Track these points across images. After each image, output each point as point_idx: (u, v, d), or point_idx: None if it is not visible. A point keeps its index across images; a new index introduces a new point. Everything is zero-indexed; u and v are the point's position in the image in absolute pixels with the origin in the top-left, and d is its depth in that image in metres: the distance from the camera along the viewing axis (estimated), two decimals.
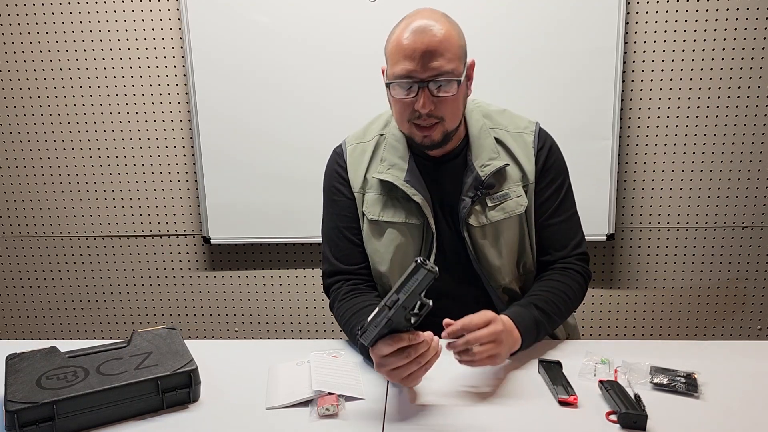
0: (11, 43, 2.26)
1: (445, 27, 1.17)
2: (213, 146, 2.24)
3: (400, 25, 1.20)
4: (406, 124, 1.23)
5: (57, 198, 2.39)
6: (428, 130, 1.21)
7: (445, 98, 1.18)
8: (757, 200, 2.25)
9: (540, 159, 1.31)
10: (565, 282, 1.29)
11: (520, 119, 1.35)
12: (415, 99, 1.18)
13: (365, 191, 1.32)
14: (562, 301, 1.26)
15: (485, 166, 1.27)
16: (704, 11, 2.11)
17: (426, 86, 1.16)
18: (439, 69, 1.15)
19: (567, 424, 1.00)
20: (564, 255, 1.33)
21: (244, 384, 1.14)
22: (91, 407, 1.01)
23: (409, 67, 1.16)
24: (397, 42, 1.18)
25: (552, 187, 1.33)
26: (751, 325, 2.38)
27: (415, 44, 1.15)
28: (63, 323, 2.53)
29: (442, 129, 1.22)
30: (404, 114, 1.21)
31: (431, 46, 1.15)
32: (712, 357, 1.19)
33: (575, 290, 1.30)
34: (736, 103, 2.18)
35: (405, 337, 1.02)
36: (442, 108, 1.19)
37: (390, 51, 1.20)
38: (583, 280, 1.33)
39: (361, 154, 1.34)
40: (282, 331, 2.50)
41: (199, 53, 2.17)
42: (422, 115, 1.19)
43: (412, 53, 1.15)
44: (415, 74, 1.16)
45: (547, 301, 1.24)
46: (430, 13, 1.19)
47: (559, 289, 1.27)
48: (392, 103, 1.24)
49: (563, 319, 1.28)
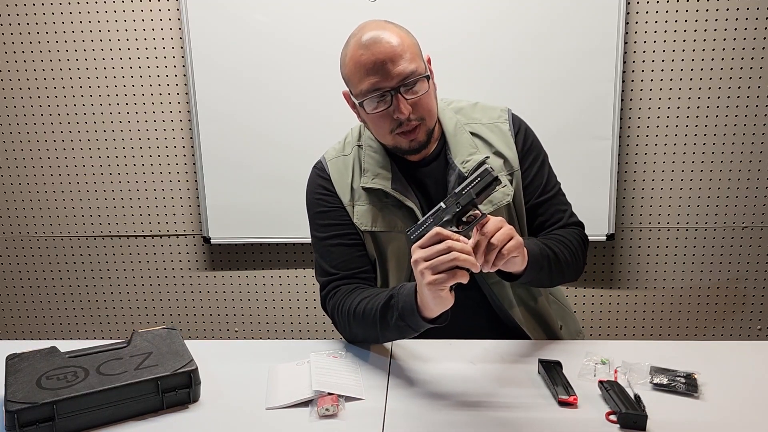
0: (11, 43, 2.26)
1: (394, 31, 1.18)
2: (213, 146, 2.24)
3: (349, 45, 1.20)
4: (389, 137, 1.23)
5: (57, 198, 2.39)
6: (413, 134, 1.22)
7: (420, 98, 1.19)
8: (757, 200, 2.25)
9: (519, 143, 1.33)
10: (566, 236, 1.32)
11: (492, 110, 1.36)
12: (391, 109, 1.18)
13: (354, 203, 1.31)
14: (565, 247, 1.28)
15: (466, 162, 1.28)
16: (704, 11, 2.11)
17: (398, 92, 1.16)
18: (404, 72, 1.16)
19: (567, 424, 1.00)
20: (562, 227, 1.36)
21: (244, 384, 1.14)
22: (91, 407, 1.01)
23: (375, 79, 1.16)
24: (354, 61, 1.18)
25: (535, 166, 1.35)
26: (751, 325, 2.38)
27: (373, 56, 1.15)
28: (63, 323, 2.53)
29: (424, 128, 1.23)
30: (385, 127, 1.21)
31: (389, 53, 1.15)
32: (712, 357, 1.19)
33: (576, 245, 1.31)
34: (736, 103, 2.18)
35: (446, 232, 1.01)
36: (420, 108, 1.20)
37: (349, 72, 1.20)
38: (583, 241, 1.35)
39: (344, 167, 1.33)
40: (282, 331, 2.50)
41: (199, 54, 2.17)
42: (403, 122, 1.19)
43: (373, 66, 1.15)
44: (383, 84, 1.16)
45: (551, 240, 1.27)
46: (374, 24, 1.20)
47: (563, 240, 1.30)
48: (368, 120, 1.24)
49: (567, 266, 1.28)
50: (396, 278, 1.32)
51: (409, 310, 1.10)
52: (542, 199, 1.35)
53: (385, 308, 1.16)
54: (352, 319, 1.25)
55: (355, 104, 1.24)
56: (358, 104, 1.21)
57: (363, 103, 1.19)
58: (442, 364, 1.19)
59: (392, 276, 1.32)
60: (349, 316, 1.25)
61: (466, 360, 1.21)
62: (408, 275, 1.32)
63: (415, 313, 1.10)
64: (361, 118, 1.28)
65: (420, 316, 1.09)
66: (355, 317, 1.24)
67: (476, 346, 1.26)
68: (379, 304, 1.18)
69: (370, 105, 1.19)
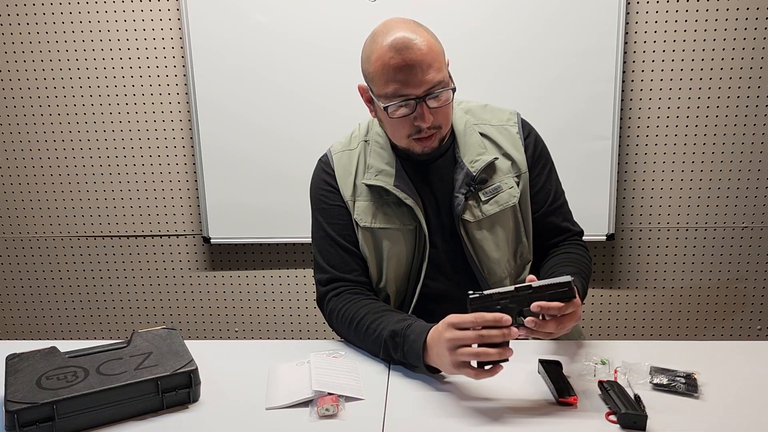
0: (11, 43, 2.26)
1: (425, 37, 1.15)
2: (213, 146, 2.24)
3: (377, 43, 1.16)
4: (404, 140, 1.23)
5: (57, 198, 2.39)
6: (427, 141, 1.22)
7: (442, 107, 1.19)
8: (757, 200, 2.25)
9: (529, 147, 1.34)
10: (581, 254, 1.35)
11: (502, 112, 1.36)
12: (414, 115, 1.17)
13: (355, 198, 1.31)
14: (587, 270, 1.32)
15: (475, 162, 1.28)
16: (704, 11, 2.11)
17: (423, 101, 1.16)
18: (432, 81, 1.15)
19: (567, 424, 1.00)
20: (570, 235, 1.40)
21: (244, 384, 1.14)
22: (91, 407, 1.01)
23: (403, 85, 1.15)
24: (382, 62, 1.15)
25: (544, 173, 1.36)
26: (751, 325, 2.38)
27: (403, 61, 1.13)
28: (63, 323, 2.53)
29: (439, 135, 1.23)
30: (402, 131, 1.21)
31: (419, 60, 1.13)
32: (712, 357, 1.19)
33: (588, 262, 1.36)
34: (736, 103, 2.18)
35: (489, 316, 0.99)
36: (439, 116, 1.20)
37: (375, 71, 1.17)
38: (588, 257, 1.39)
39: (349, 161, 1.33)
40: (282, 331, 2.50)
41: (199, 53, 2.17)
42: (423, 129, 1.19)
43: (402, 71, 1.14)
44: (410, 91, 1.15)
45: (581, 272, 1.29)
46: (405, 25, 1.17)
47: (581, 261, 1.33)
48: (386, 122, 1.23)
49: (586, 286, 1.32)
50: (393, 276, 1.32)
51: (414, 356, 1.12)
52: (552, 207, 1.37)
53: (389, 342, 1.16)
54: (353, 330, 1.25)
55: (372, 100, 1.24)
56: (382, 107, 1.19)
57: (389, 107, 1.17)
58: None
59: (389, 274, 1.32)
60: (350, 325, 1.25)
61: None
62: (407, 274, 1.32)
63: (420, 361, 1.11)
64: (376, 115, 1.28)
65: (424, 364, 1.12)
66: (356, 330, 1.24)
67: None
68: (385, 333, 1.17)
69: (392, 108, 1.18)
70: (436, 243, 1.31)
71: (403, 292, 1.34)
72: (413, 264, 1.32)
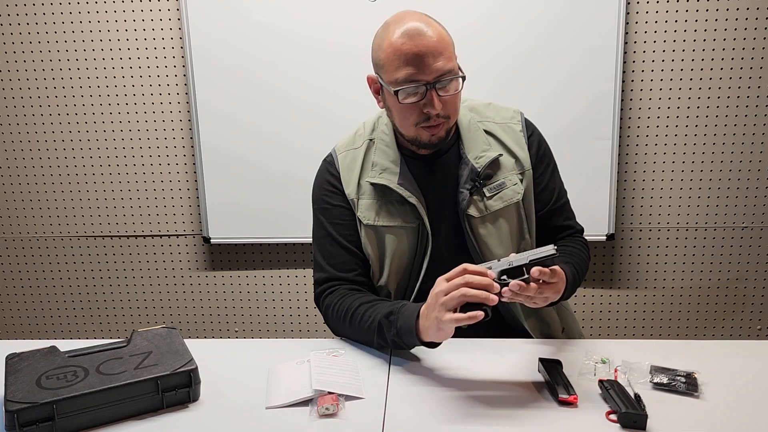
0: (11, 43, 2.26)
1: (436, 27, 1.18)
2: (213, 146, 2.24)
3: (389, 31, 1.19)
4: (412, 128, 1.24)
5: (57, 198, 2.39)
6: (435, 129, 1.23)
7: (451, 96, 1.20)
8: (757, 200, 2.25)
9: (533, 146, 1.35)
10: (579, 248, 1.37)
11: (505, 110, 1.38)
12: (423, 102, 1.18)
13: (359, 197, 1.32)
14: (582, 263, 1.34)
15: (480, 158, 1.29)
16: (704, 11, 2.11)
17: (433, 87, 1.17)
18: (443, 69, 1.17)
19: (567, 424, 1.00)
20: (572, 233, 1.42)
21: (244, 384, 1.14)
22: (91, 407, 1.01)
23: (414, 70, 1.16)
24: (394, 48, 1.17)
25: (548, 171, 1.38)
26: (751, 325, 2.38)
27: (415, 47, 1.15)
28: (63, 323, 2.53)
29: (447, 126, 1.24)
30: (411, 118, 1.22)
31: (431, 47, 1.15)
32: (712, 357, 1.19)
33: (586, 259, 1.38)
34: (736, 103, 2.18)
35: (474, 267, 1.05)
36: (448, 106, 1.21)
37: (386, 57, 1.19)
38: (588, 252, 1.41)
39: (353, 160, 1.34)
40: (282, 331, 2.50)
41: (199, 53, 2.17)
42: (432, 116, 1.20)
43: (414, 57, 1.15)
44: (421, 77, 1.16)
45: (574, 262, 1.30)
46: (417, 16, 1.20)
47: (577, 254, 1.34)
48: (395, 109, 1.23)
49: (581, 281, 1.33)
50: (395, 273, 1.32)
51: (407, 331, 1.14)
52: (556, 206, 1.39)
53: (383, 322, 1.19)
54: (348, 322, 1.26)
55: (380, 90, 1.25)
56: (392, 92, 1.19)
57: (399, 92, 1.18)
58: (442, 363, 1.19)
59: (391, 271, 1.32)
60: (345, 318, 1.26)
61: (466, 359, 1.21)
62: (408, 271, 1.32)
63: (413, 335, 1.14)
64: (384, 105, 1.28)
65: (417, 337, 1.14)
66: (351, 321, 1.25)
67: (476, 344, 1.26)
68: (379, 316, 1.20)
69: (402, 94, 1.19)
70: (439, 240, 1.31)
71: (403, 288, 1.35)
72: (414, 261, 1.32)
